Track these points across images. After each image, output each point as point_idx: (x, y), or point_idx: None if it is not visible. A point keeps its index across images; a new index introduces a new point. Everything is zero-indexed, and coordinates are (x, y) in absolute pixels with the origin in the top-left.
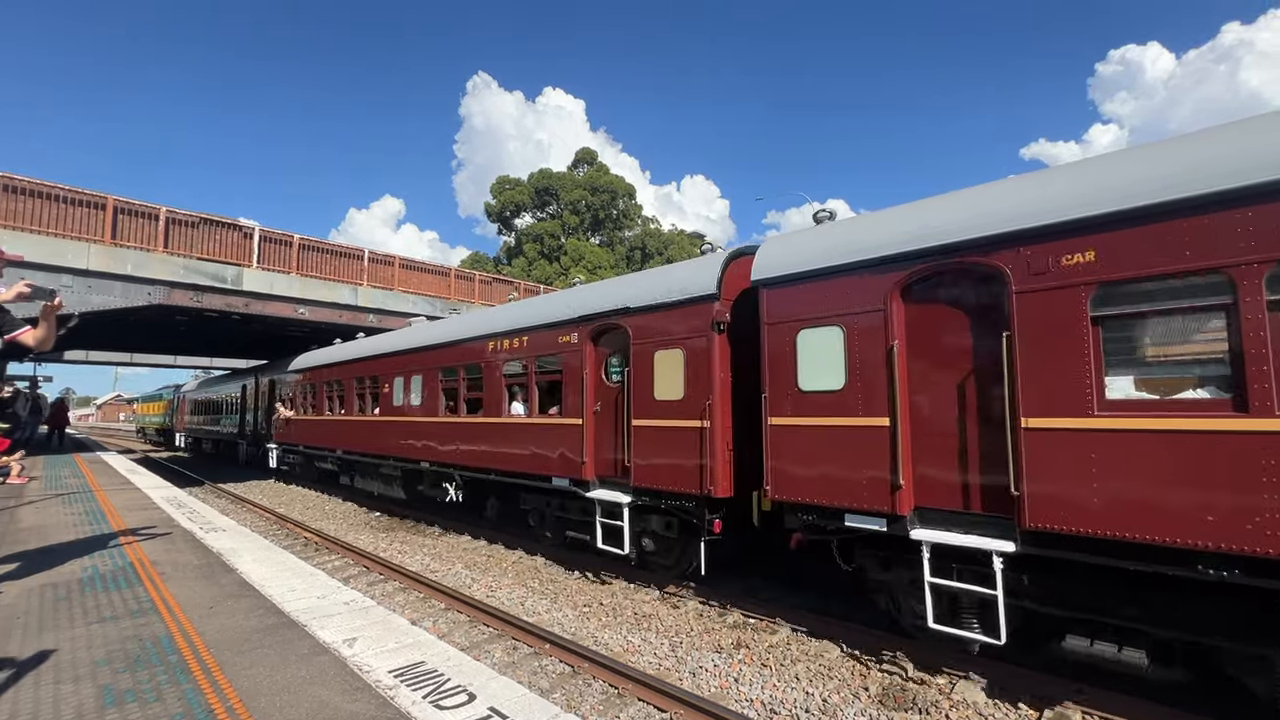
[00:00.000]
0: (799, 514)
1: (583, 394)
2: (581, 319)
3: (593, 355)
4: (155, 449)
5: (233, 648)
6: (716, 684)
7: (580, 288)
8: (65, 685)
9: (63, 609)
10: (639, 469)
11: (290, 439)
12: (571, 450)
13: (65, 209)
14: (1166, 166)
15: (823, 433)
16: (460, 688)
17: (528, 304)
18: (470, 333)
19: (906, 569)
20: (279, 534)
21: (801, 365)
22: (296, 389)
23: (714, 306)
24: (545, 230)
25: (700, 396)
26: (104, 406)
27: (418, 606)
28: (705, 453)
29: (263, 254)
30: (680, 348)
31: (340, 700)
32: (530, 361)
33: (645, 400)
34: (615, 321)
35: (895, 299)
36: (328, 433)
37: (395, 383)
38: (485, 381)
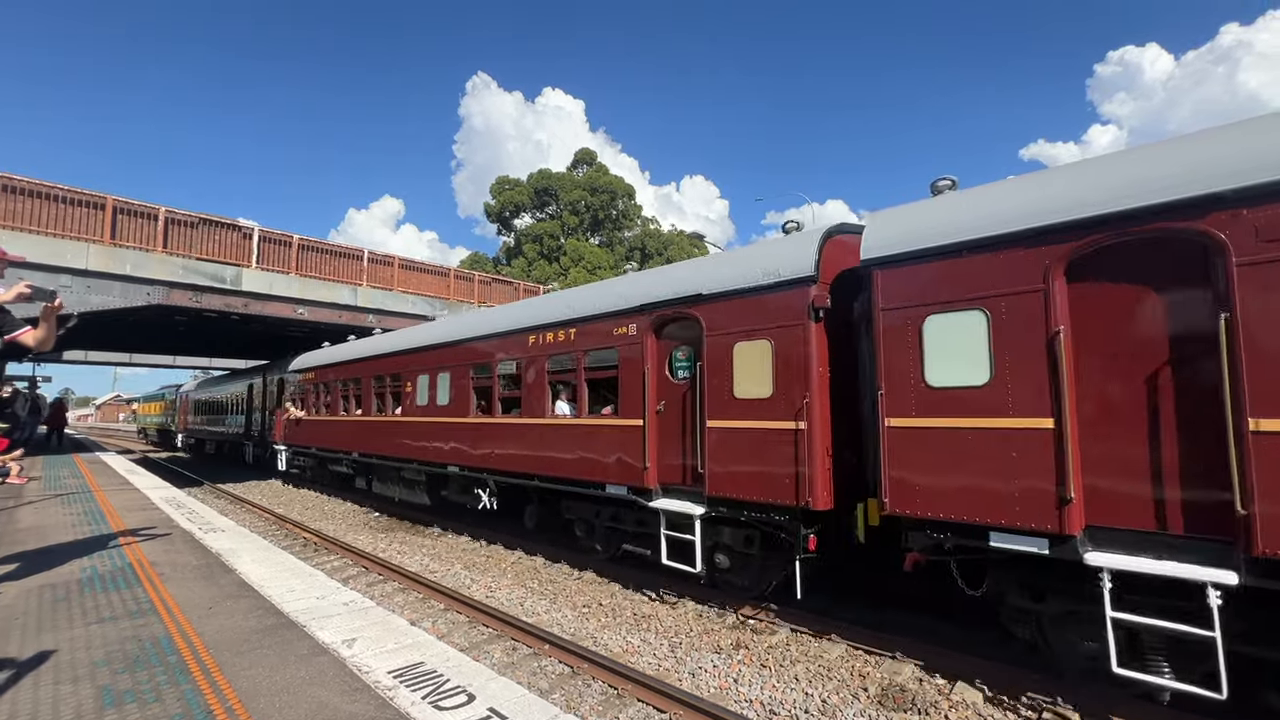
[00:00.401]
0: (926, 531)
1: (643, 392)
2: (642, 308)
3: (654, 349)
4: (155, 449)
5: (232, 648)
6: (716, 684)
7: (639, 274)
8: (64, 686)
9: (62, 610)
10: (714, 476)
11: (301, 440)
12: (630, 454)
13: (64, 209)
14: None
15: (959, 436)
16: (459, 688)
17: (575, 294)
18: (507, 326)
19: (1068, 599)
20: (278, 534)
21: (929, 357)
22: (308, 388)
23: (810, 291)
24: (545, 231)
25: (793, 394)
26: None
27: (417, 607)
28: (800, 459)
29: (262, 254)
30: (767, 339)
31: (339, 701)
32: (579, 356)
33: (722, 399)
34: (684, 311)
35: (1058, 276)
36: (343, 434)
37: (419, 381)
38: (525, 379)
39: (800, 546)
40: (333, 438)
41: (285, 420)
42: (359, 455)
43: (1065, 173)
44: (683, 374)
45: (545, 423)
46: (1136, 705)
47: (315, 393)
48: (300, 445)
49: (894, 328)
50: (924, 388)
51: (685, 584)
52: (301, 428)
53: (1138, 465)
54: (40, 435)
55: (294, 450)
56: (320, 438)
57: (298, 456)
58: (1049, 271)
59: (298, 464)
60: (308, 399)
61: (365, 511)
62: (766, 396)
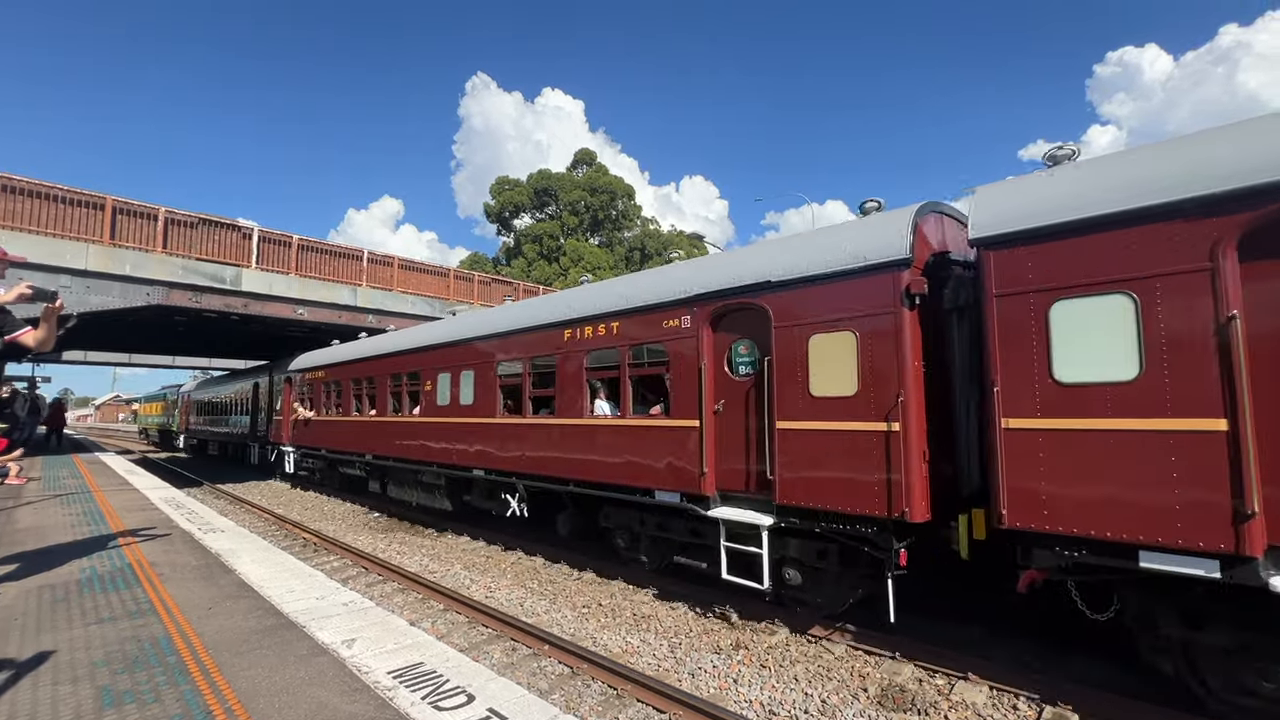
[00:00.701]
0: (1054, 548)
1: (700, 390)
2: (697, 298)
3: (711, 342)
4: (155, 450)
5: (231, 649)
6: (715, 685)
7: (693, 261)
8: (64, 686)
9: (61, 610)
10: (786, 483)
11: (310, 441)
12: (683, 458)
13: (63, 209)
14: None
15: (1099, 440)
16: (459, 688)
17: (618, 284)
18: (538, 320)
19: (1238, 629)
20: (278, 535)
21: (1058, 349)
22: (317, 387)
23: (903, 276)
24: (544, 231)
25: (883, 391)
26: (102, 407)
27: (416, 607)
28: (894, 464)
29: (262, 254)
30: (851, 330)
31: (339, 701)
32: (623, 351)
33: (795, 397)
34: (747, 300)
35: (1229, 253)
36: (355, 435)
37: (440, 379)
38: (559, 376)
39: (892, 562)
40: (344, 439)
41: (293, 420)
42: (373, 457)
43: (1235, 132)
44: (744, 370)
45: (583, 423)
46: (1136, 705)
47: (326, 392)
48: (309, 446)
49: (1012, 316)
50: (1051, 384)
51: (686, 584)
52: (310, 428)
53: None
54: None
55: (303, 452)
56: (331, 439)
57: (306, 458)
58: (1218, 247)
59: (306, 466)
60: (317, 398)
61: (365, 512)
62: (850, 395)
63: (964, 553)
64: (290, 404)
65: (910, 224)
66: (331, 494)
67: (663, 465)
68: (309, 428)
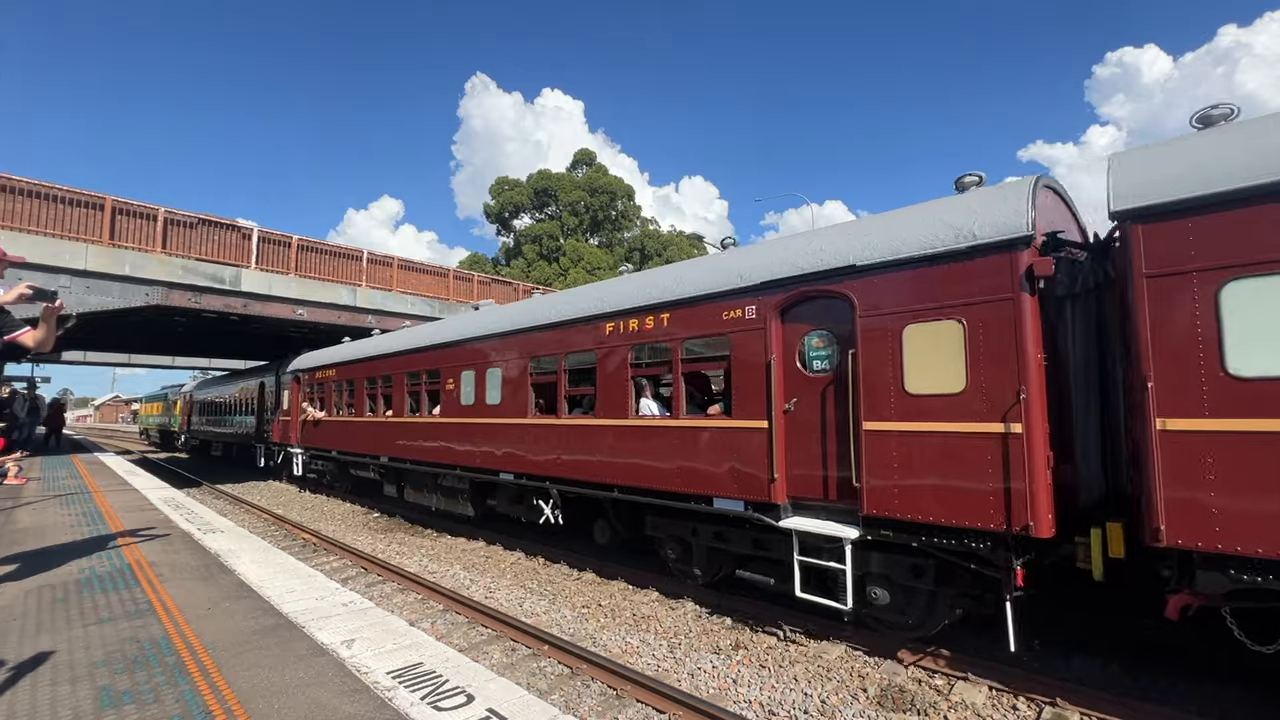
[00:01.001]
0: (1228, 571)
1: (768, 387)
2: (765, 286)
3: (781, 335)
4: (155, 450)
5: (231, 649)
6: (715, 685)
7: (758, 246)
8: (63, 687)
9: (60, 610)
10: (875, 491)
11: (320, 442)
12: (749, 462)
13: (63, 209)
14: None
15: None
16: (459, 689)
17: (668, 272)
18: (575, 314)
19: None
20: (277, 535)
21: (1229, 337)
22: (328, 386)
23: (1022, 256)
24: (544, 231)
25: (999, 388)
26: (102, 407)
27: (416, 608)
28: (1013, 471)
29: (261, 255)
30: (958, 318)
31: (338, 702)
32: (674, 346)
33: (886, 395)
34: (826, 288)
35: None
36: (370, 436)
37: (463, 378)
38: (600, 373)
39: (1010, 582)
40: (358, 440)
41: (302, 421)
42: (389, 460)
43: None
44: (820, 365)
45: (629, 424)
46: (1135, 706)
47: (337, 391)
48: (319, 448)
49: (1169, 298)
50: (1225, 378)
51: (685, 586)
52: (321, 429)
53: None
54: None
55: (312, 453)
56: (343, 440)
57: (316, 460)
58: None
59: (315, 468)
60: (328, 398)
61: (364, 512)
62: (956, 392)
63: (1097, 573)
64: (299, 404)
65: (1030, 197)
66: (331, 494)
67: (723, 470)
68: (319, 428)
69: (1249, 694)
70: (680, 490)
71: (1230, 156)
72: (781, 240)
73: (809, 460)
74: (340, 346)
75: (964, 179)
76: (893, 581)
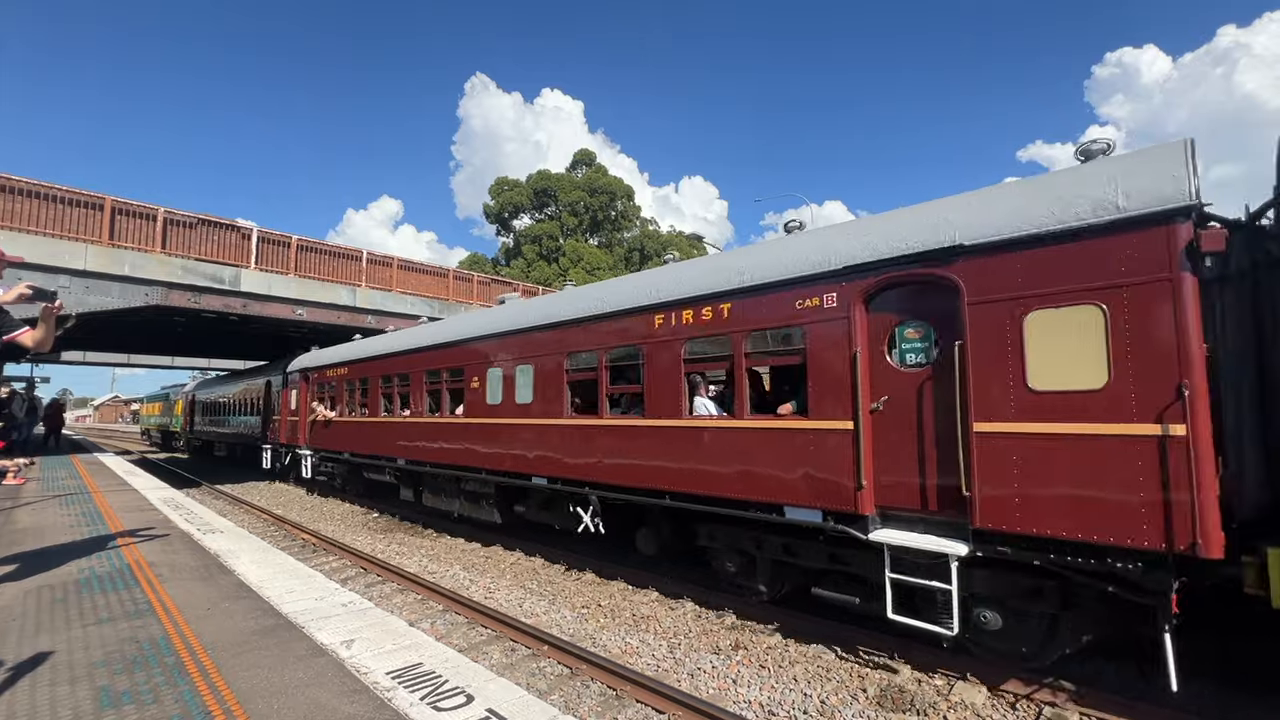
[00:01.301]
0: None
1: (853, 384)
2: (848, 272)
3: (867, 325)
4: (155, 451)
5: (230, 649)
6: (715, 685)
7: (842, 225)
8: (62, 687)
9: (59, 611)
10: (990, 502)
11: (331, 444)
12: (828, 468)
13: (62, 209)
14: None
15: None
16: (458, 689)
17: (729, 259)
18: (618, 305)
19: None
20: (277, 535)
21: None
22: (340, 385)
23: (1180, 229)
24: (544, 231)
25: (1153, 383)
26: (101, 407)
27: (415, 608)
28: (1172, 480)
29: (261, 255)
30: (1096, 303)
31: (338, 702)
32: (735, 339)
33: (1003, 391)
34: (925, 272)
35: None
36: (385, 437)
37: (490, 375)
38: (648, 370)
39: (1167, 608)
40: (372, 441)
41: (311, 421)
42: (406, 462)
43: None
44: (915, 359)
45: (682, 425)
46: (1134, 707)
47: (349, 390)
48: (330, 450)
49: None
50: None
51: (684, 584)
52: (331, 430)
53: None
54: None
55: (321, 455)
56: (356, 441)
57: (326, 462)
58: None
59: (325, 470)
60: (339, 397)
61: (364, 512)
62: (1096, 388)
63: (1277, 600)
64: (307, 403)
65: (1188, 160)
66: (331, 495)
67: (797, 476)
68: (330, 429)
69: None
70: (743, 498)
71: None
72: (867, 221)
73: (902, 466)
74: (353, 343)
75: (1089, 146)
76: (1005, 604)
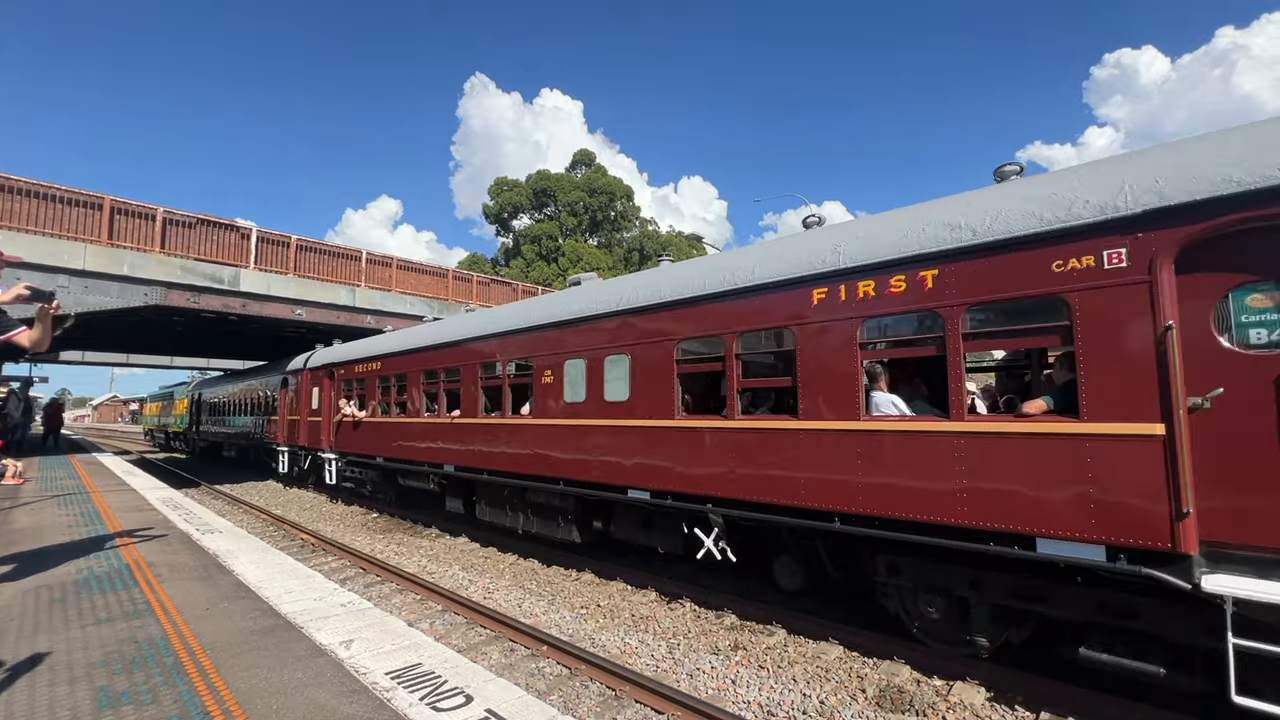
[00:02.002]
0: None
1: (1161, 373)
2: (1150, 217)
3: (1178, 291)
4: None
5: (229, 649)
6: (714, 685)
7: (1132, 155)
8: (60, 687)
9: (58, 611)
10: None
11: (359, 447)
12: (1120, 488)
13: (61, 209)
14: None
15: None
16: (457, 689)
17: (936, 209)
18: (759, 278)
19: None
20: (276, 535)
21: None
22: (370, 381)
23: None
24: (543, 231)
25: None
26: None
27: (415, 608)
28: None
29: (260, 255)
30: None
31: (337, 702)
32: (949, 316)
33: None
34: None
35: None
36: (429, 440)
37: (569, 369)
38: (803, 359)
39: None
40: (412, 445)
41: (336, 422)
42: (456, 469)
43: None
44: (1268, 337)
45: (859, 428)
46: (1132, 708)
47: (384, 388)
48: (359, 454)
49: None
50: None
51: (682, 584)
52: (361, 431)
53: None
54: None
55: (349, 459)
56: (390, 445)
57: (353, 467)
58: None
59: (351, 476)
60: (371, 395)
61: (363, 513)
62: None
63: None
64: (331, 402)
65: None
66: (329, 495)
67: (1061, 498)
68: (359, 431)
69: None
70: (967, 524)
71: None
72: (1180, 144)
73: (1249, 485)
74: (387, 335)
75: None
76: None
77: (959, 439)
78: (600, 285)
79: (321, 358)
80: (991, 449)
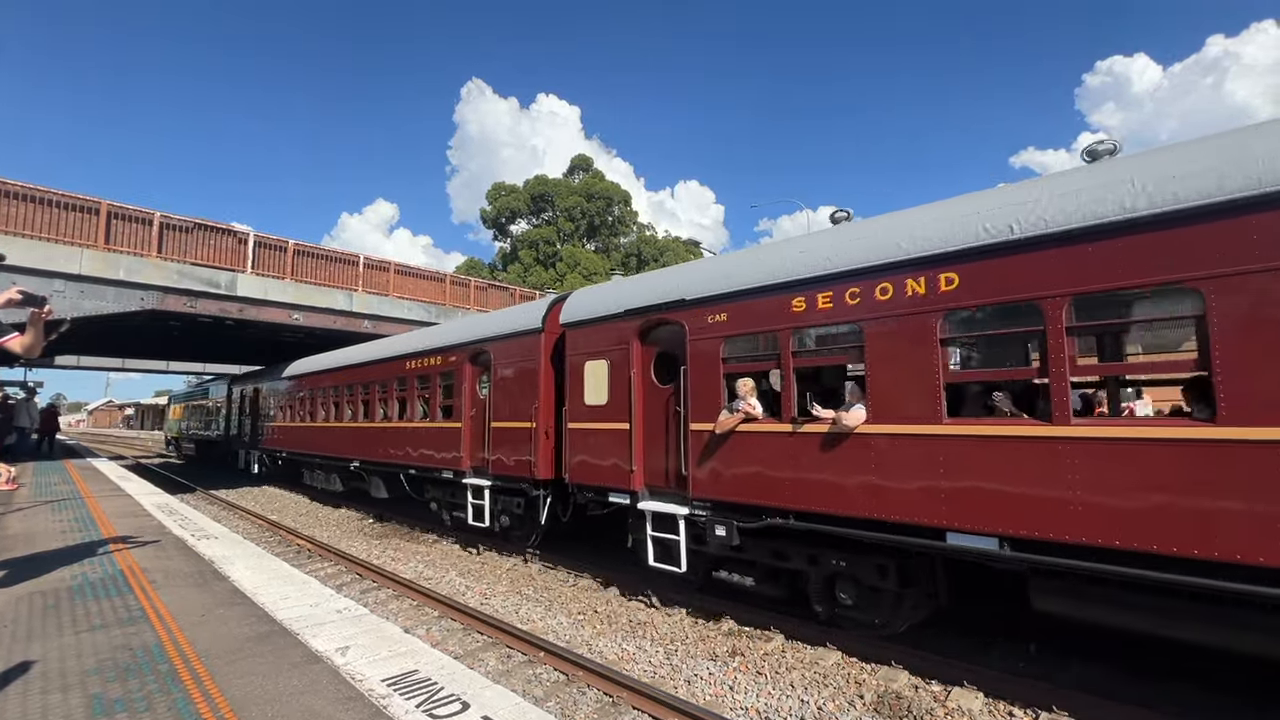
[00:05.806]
0: None
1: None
2: None
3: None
4: (147, 456)
5: (224, 656)
6: (711, 692)
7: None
8: (53, 695)
9: (51, 617)
10: None
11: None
12: None
13: (58, 213)
14: None
15: None
16: (454, 696)
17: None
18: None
19: None
20: (271, 541)
21: None
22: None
23: None
24: (541, 236)
25: None
26: (95, 412)
27: (411, 614)
28: None
29: (257, 259)
30: None
31: (332, 710)
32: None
33: None
34: None
35: None
36: None
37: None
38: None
39: None
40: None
41: (720, 429)
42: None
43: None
44: None
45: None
46: (1133, 712)
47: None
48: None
49: None
50: None
51: (681, 590)
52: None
53: None
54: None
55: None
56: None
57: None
58: None
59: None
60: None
61: (359, 518)
62: None
63: None
64: (647, 402)
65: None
66: (324, 501)
67: None
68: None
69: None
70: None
71: None
72: None
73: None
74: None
75: None
76: None
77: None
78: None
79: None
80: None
